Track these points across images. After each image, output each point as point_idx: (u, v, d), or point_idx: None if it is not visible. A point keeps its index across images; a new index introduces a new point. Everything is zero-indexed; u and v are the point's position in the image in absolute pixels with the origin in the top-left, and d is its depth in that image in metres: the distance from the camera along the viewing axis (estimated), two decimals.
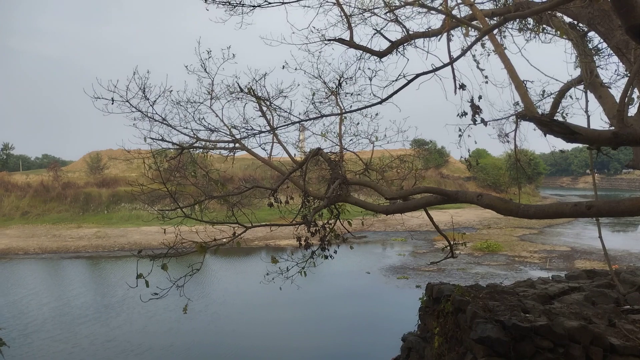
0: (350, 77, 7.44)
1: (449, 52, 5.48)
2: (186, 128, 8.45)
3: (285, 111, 7.21)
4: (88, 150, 77.16)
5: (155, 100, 7.99)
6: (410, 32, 6.71)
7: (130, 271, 27.98)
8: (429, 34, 6.51)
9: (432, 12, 6.44)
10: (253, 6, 7.71)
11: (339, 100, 8.51)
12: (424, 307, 9.61)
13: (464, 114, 6.15)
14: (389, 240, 39.39)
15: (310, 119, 6.92)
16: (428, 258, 29.79)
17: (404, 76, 4.96)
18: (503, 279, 22.57)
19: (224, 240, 6.13)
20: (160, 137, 8.23)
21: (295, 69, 8.09)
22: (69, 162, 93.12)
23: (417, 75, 4.68)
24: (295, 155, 8.98)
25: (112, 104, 7.59)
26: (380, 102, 5.24)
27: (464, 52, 4.66)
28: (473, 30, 5.52)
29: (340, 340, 16.87)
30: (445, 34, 5.84)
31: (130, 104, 7.82)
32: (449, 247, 8.51)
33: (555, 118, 6.47)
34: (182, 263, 6.17)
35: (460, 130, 7.28)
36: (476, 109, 6.14)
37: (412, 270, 27.40)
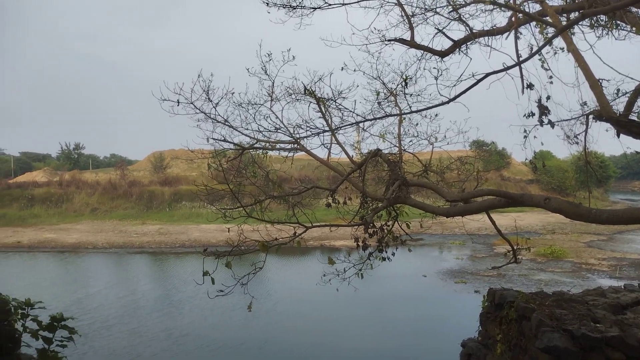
0: (410, 78, 7.34)
1: (517, 50, 5.30)
2: (247, 129, 8.64)
3: (349, 110, 7.22)
4: (152, 150, 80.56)
5: (218, 102, 8.22)
6: (474, 31, 6.54)
7: (194, 267, 29.02)
8: (494, 32, 6.32)
9: (498, 9, 6.25)
10: (313, 8, 7.79)
11: (397, 101, 8.43)
12: (485, 312, 9.33)
13: (531, 114, 5.92)
14: (446, 243, 38.57)
15: (371, 119, 6.89)
16: (487, 263, 28.91)
17: (473, 75, 4.83)
18: (570, 287, 21.55)
19: (285, 239, 6.22)
20: (223, 138, 8.47)
21: (355, 70, 8.08)
22: (134, 161, 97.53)
23: (487, 75, 4.55)
24: (352, 156, 8.98)
25: (178, 105, 7.89)
26: (447, 102, 5.14)
27: (539, 49, 4.49)
28: (547, 27, 5.29)
29: (396, 343, 16.71)
30: (512, 32, 5.65)
31: (195, 106, 8.08)
32: (511, 252, 8.22)
33: (630, 118, 6.11)
34: (245, 261, 6.32)
35: (525, 131, 7.01)
36: (544, 110, 5.90)
37: (470, 275, 26.70)
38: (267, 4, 7.75)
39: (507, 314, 8.05)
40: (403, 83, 7.09)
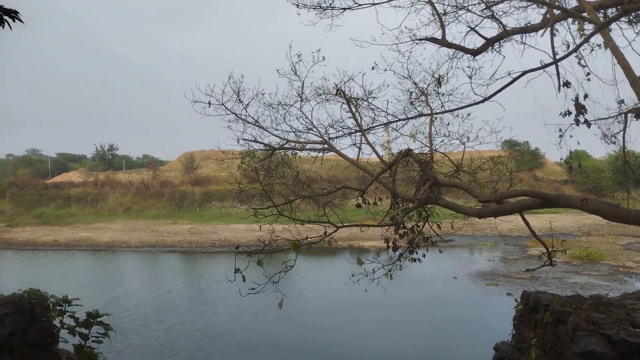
0: (442, 77, 7.26)
1: (553, 47, 5.16)
2: (277, 130, 8.71)
3: (380, 109, 7.19)
4: (183, 150, 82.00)
5: (249, 103, 8.31)
6: (507, 28, 6.42)
7: (226, 267, 29.36)
8: (528, 29, 6.18)
9: (534, 6, 6.11)
10: (343, 8, 7.79)
11: (428, 100, 8.35)
12: (519, 316, 9.14)
13: (568, 113, 5.78)
14: (477, 244, 37.96)
15: (403, 119, 6.84)
16: (520, 265, 28.33)
17: (509, 74, 4.74)
18: (607, 291, 20.92)
19: (316, 238, 6.24)
20: (253, 139, 8.55)
21: (385, 70, 8.04)
22: (166, 161, 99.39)
23: (524, 73, 4.46)
24: (382, 156, 8.93)
25: (209, 107, 8.02)
26: (482, 101, 5.06)
27: (577, 47, 4.38)
28: (584, 24, 5.15)
29: (427, 345, 16.54)
30: (547, 29, 5.53)
31: (225, 107, 8.18)
32: (546, 254, 8.03)
33: None
34: (276, 260, 6.37)
35: (561, 130, 6.84)
36: (581, 109, 5.75)
37: (502, 277, 26.20)
38: (297, 5, 7.79)
39: (542, 317, 7.87)
40: (436, 82, 7.01)
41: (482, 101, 5.10)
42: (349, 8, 7.37)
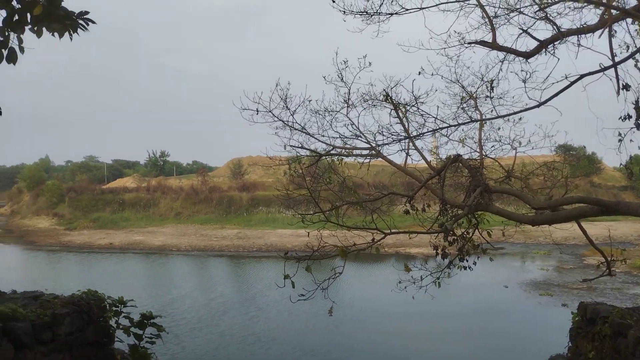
0: (493, 80, 7.09)
1: (611, 49, 4.94)
2: (323, 136, 8.75)
3: (429, 114, 7.11)
4: (231, 157, 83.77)
5: (295, 110, 8.39)
6: (562, 30, 6.21)
7: (276, 271, 29.59)
8: (584, 30, 5.95)
9: (590, 6, 5.88)
10: (390, 14, 7.75)
11: (478, 104, 8.18)
12: (576, 327, 8.75)
13: (628, 117, 5.51)
14: (530, 252, 36.70)
15: (455, 125, 6.72)
16: (576, 274, 27.17)
17: (566, 77, 4.58)
18: None
19: (364, 245, 6.21)
20: (300, 145, 8.63)
21: (432, 75, 7.94)
22: (214, 167, 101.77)
23: (582, 76, 4.29)
24: (430, 161, 8.81)
25: (257, 114, 8.15)
26: (537, 106, 4.91)
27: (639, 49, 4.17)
28: None
29: (477, 356, 16.10)
30: (605, 30, 5.30)
31: (273, 114, 8.30)
32: (604, 264, 7.67)
33: None
34: (324, 267, 6.39)
35: (620, 134, 6.53)
36: None
37: (557, 287, 25.21)
38: (344, 12, 7.82)
39: (600, 329, 7.52)
40: (488, 87, 6.86)
41: (537, 106, 4.94)
42: (396, 13, 7.33)
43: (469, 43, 6.95)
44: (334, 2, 7.45)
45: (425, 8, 7.30)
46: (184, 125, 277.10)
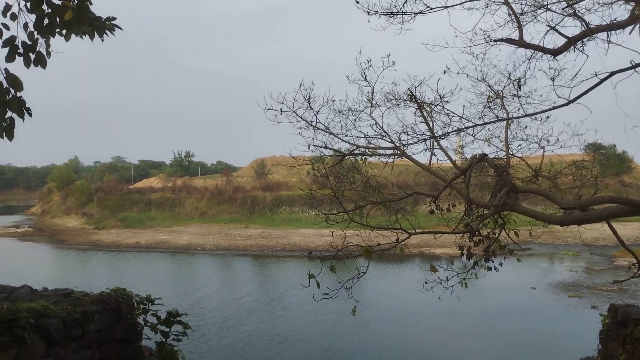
0: (520, 79, 6.98)
1: None
2: (347, 135, 8.73)
3: (454, 113, 7.04)
4: (254, 157, 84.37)
5: (319, 110, 8.41)
6: (590, 26, 6.07)
7: (299, 271, 29.68)
8: (613, 26, 5.81)
9: (620, 2, 5.73)
10: (414, 13, 7.69)
11: (504, 103, 8.06)
12: (606, 330, 8.55)
13: None
14: (558, 253, 35.97)
15: (481, 124, 6.64)
16: (606, 276, 26.53)
17: (596, 74, 4.47)
18: None
19: (388, 245, 6.19)
20: (323, 145, 8.64)
21: (457, 73, 7.85)
22: (238, 168, 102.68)
23: (612, 73, 4.19)
24: (455, 161, 8.71)
25: (281, 114, 8.20)
26: (566, 104, 4.81)
27: None
28: None
29: (505, 358, 15.85)
30: (636, 25, 5.16)
31: (296, 114, 8.32)
32: (636, 265, 7.47)
33: None
34: (348, 266, 6.39)
35: None
36: None
37: (586, 289, 24.65)
38: (368, 12, 7.80)
39: (631, 332, 7.33)
40: (516, 85, 6.75)
41: (566, 104, 4.84)
42: (421, 12, 7.27)
43: (495, 41, 6.86)
44: (357, 2, 7.43)
45: (450, 6, 7.23)
46: (208, 126, 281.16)
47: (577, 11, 6.23)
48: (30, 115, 4.33)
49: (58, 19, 4.36)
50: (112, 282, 9.56)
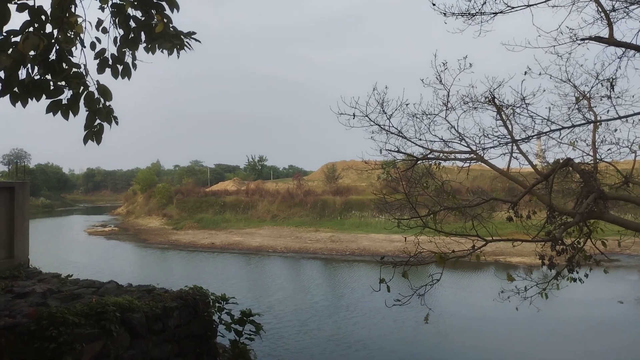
0: (612, 79, 6.54)
1: None
2: (420, 139, 8.58)
3: (538, 115, 6.73)
4: (325, 161, 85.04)
5: (392, 114, 8.33)
6: None
7: (371, 276, 29.35)
8: None
9: None
10: (494, 13, 7.44)
11: (591, 105, 7.58)
12: None
13: None
14: None
15: (568, 127, 6.29)
16: None
17: None
18: None
19: (463, 252, 6.01)
20: (396, 149, 8.54)
21: (540, 74, 7.50)
22: (309, 172, 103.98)
23: None
24: (536, 165, 8.31)
25: (354, 118, 8.21)
26: None
27: None
28: None
29: None
30: None
31: (369, 118, 8.30)
32: None
33: None
34: (421, 273, 6.27)
35: None
36: None
37: None
38: (445, 14, 7.63)
39: None
40: (608, 85, 6.34)
41: None
42: (501, 12, 7.02)
43: (582, 39, 6.49)
44: (434, 5, 7.29)
45: (532, 5, 6.92)
46: (281, 131, 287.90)
47: None
48: (117, 123, 4.60)
49: (143, 34, 4.64)
50: (190, 281, 9.95)
